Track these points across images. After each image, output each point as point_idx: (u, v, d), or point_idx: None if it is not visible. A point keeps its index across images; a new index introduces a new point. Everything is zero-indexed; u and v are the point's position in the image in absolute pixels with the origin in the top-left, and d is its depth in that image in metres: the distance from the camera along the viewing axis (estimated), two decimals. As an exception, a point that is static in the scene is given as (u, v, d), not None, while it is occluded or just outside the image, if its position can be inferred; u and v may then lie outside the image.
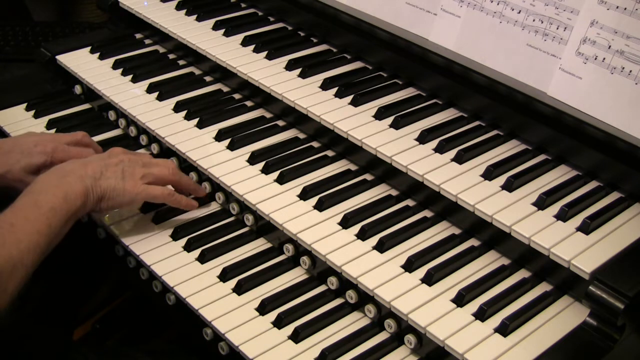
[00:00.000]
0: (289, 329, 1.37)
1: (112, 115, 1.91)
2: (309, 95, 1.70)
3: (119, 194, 1.50)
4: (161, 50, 2.10)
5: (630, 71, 1.41)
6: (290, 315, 1.39)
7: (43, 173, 1.47)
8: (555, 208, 1.37)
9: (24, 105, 1.99)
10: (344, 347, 1.33)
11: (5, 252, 1.27)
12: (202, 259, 1.51)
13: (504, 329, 1.25)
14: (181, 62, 2.03)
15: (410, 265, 1.37)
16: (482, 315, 1.28)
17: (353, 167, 1.63)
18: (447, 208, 1.49)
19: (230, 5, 2.10)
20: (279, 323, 1.38)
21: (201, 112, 1.78)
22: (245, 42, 1.90)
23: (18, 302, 1.33)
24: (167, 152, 1.76)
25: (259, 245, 1.57)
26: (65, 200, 1.40)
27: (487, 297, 1.32)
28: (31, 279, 1.35)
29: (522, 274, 1.38)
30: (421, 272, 1.36)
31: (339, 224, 1.47)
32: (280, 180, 1.58)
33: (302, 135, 1.73)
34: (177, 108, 1.81)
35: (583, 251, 1.28)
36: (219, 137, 1.70)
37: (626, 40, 1.42)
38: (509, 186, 1.42)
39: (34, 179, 1.57)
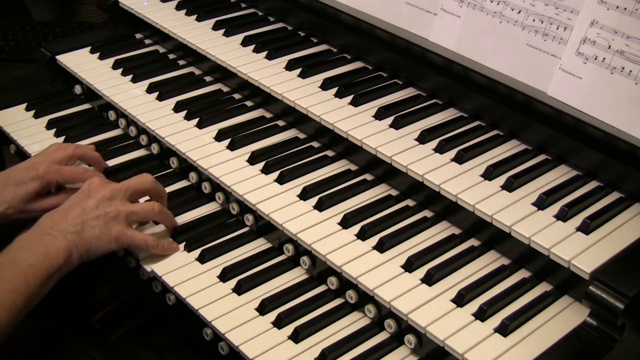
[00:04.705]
0: (289, 329, 1.36)
1: (112, 115, 1.91)
2: (309, 95, 1.70)
3: (105, 242, 1.44)
4: (161, 50, 2.10)
5: (630, 71, 1.41)
6: (290, 315, 1.38)
7: (24, 231, 1.40)
8: (555, 208, 1.37)
9: (24, 105, 1.99)
10: (344, 347, 1.33)
11: None
12: (202, 259, 1.51)
13: (504, 329, 1.25)
14: (181, 62, 2.03)
15: (410, 265, 1.37)
16: (482, 315, 1.28)
17: (353, 167, 1.63)
18: (447, 208, 1.49)
19: (230, 5, 2.10)
20: (279, 323, 1.38)
21: (201, 112, 1.78)
22: (245, 42, 1.90)
23: None
24: (167, 152, 1.76)
25: (259, 245, 1.57)
26: (45, 258, 1.34)
27: (487, 297, 1.32)
28: None
29: (522, 274, 1.38)
30: (421, 272, 1.36)
31: (339, 224, 1.47)
32: (280, 180, 1.58)
33: (302, 135, 1.73)
34: (177, 108, 1.81)
35: (583, 251, 1.28)
36: (219, 137, 1.70)
37: (626, 40, 1.42)
38: (509, 186, 1.42)
39: (37, 204, 1.56)
